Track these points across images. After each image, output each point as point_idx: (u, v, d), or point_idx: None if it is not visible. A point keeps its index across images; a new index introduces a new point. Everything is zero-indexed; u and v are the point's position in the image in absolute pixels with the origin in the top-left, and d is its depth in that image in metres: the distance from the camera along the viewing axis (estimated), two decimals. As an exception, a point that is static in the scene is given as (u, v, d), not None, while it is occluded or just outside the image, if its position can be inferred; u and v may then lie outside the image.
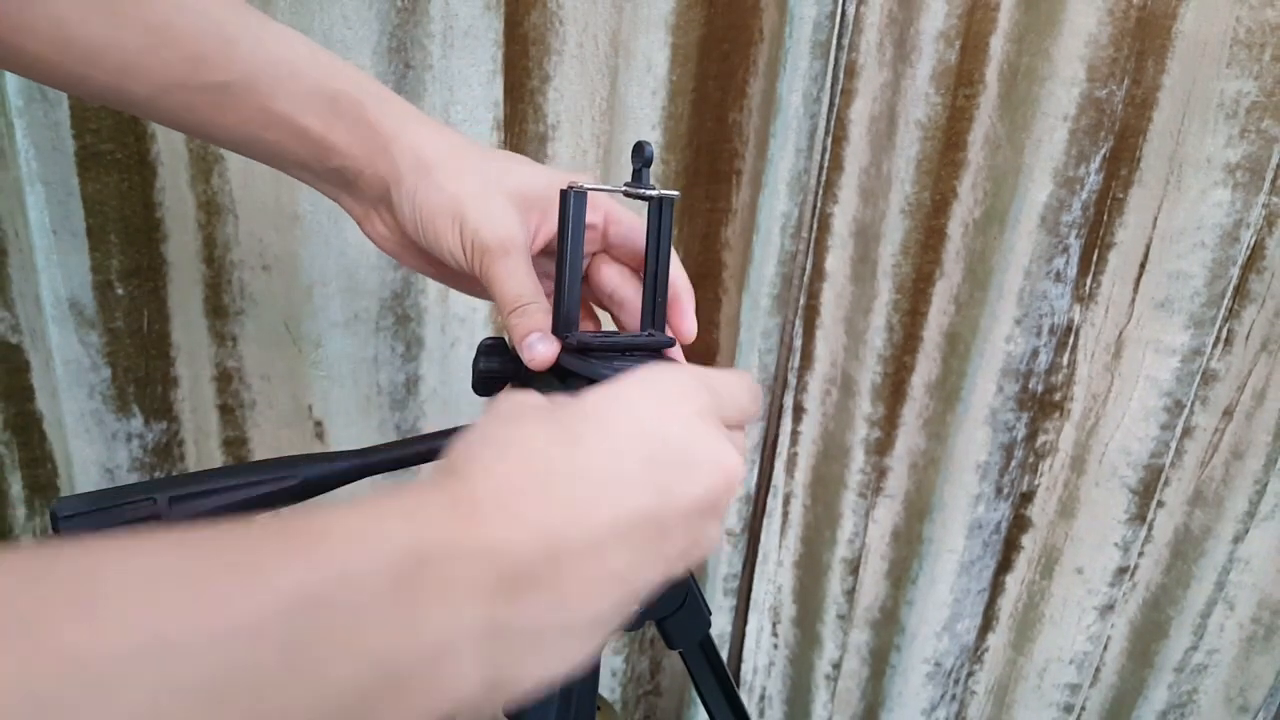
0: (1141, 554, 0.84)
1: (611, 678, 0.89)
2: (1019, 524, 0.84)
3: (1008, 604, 0.87)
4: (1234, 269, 0.70)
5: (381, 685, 0.20)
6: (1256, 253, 0.71)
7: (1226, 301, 0.72)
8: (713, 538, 0.30)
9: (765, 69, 0.66)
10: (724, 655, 0.87)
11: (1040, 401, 0.77)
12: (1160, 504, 0.82)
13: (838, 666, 0.87)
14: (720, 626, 0.88)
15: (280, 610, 0.19)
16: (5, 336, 0.63)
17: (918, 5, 0.64)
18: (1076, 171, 0.67)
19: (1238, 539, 0.81)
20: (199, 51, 0.36)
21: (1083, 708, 0.92)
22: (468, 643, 0.22)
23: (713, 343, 0.76)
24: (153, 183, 0.60)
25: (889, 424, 0.78)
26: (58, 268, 0.60)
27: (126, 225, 0.61)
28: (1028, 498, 0.83)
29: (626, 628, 0.38)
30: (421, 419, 0.71)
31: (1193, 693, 0.89)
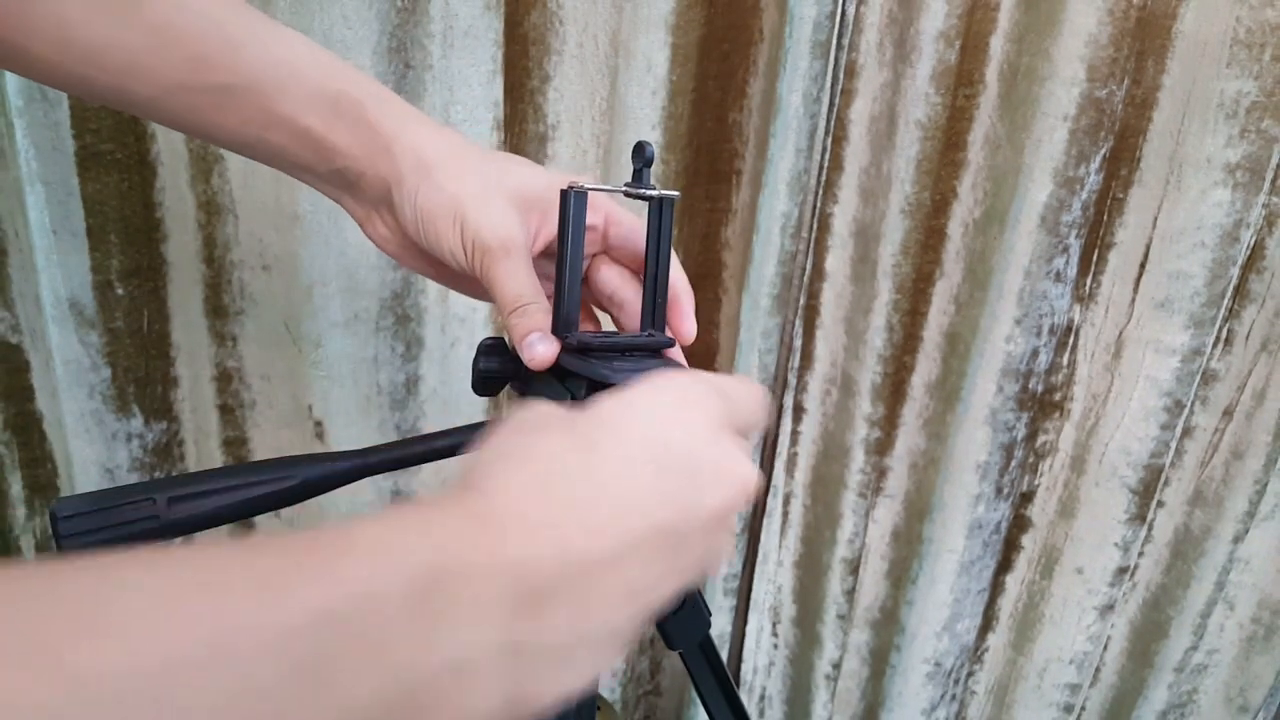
0: (1141, 554, 0.84)
1: (611, 678, 0.89)
2: (1019, 524, 0.84)
3: (1008, 604, 0.87)
4: (1234, 269, 0.70)
5: (402, 704, 0.20)
6: (1256, 253, 0.71)
7: (1226, 301, 0.72)
8: (726, 548, 0.30)
9: (765, 69, 0.66)
10: (724, 655, 0.87)
11: (1040, 401, 0.77)
12: (1160, 504, 0.82)
13: (838, 666, 0.87)
14: (720, 626, 0.88)
15: (300, 628, 0.19)
16: (5, 336, 0.63)
17: (918, 5, 0.64)
18: (1076, 171, 0.67)
19: (1238, 539, 0.81)
20: (201, 53, 0.36)
21: (1083, 708, 0.92)
22: (489, 660, 0.22)
23: (713, 343, 0.76)
24: (153, 183, 0.60)
25: (889, 424, 0.78)
26: (58, 268, 0.60)
27: (126, 225, 0.61)
28: (1028, 498, 0.83)
29: None
30: (421, 419, 0.71)
31: (1193, 693, 0.89)
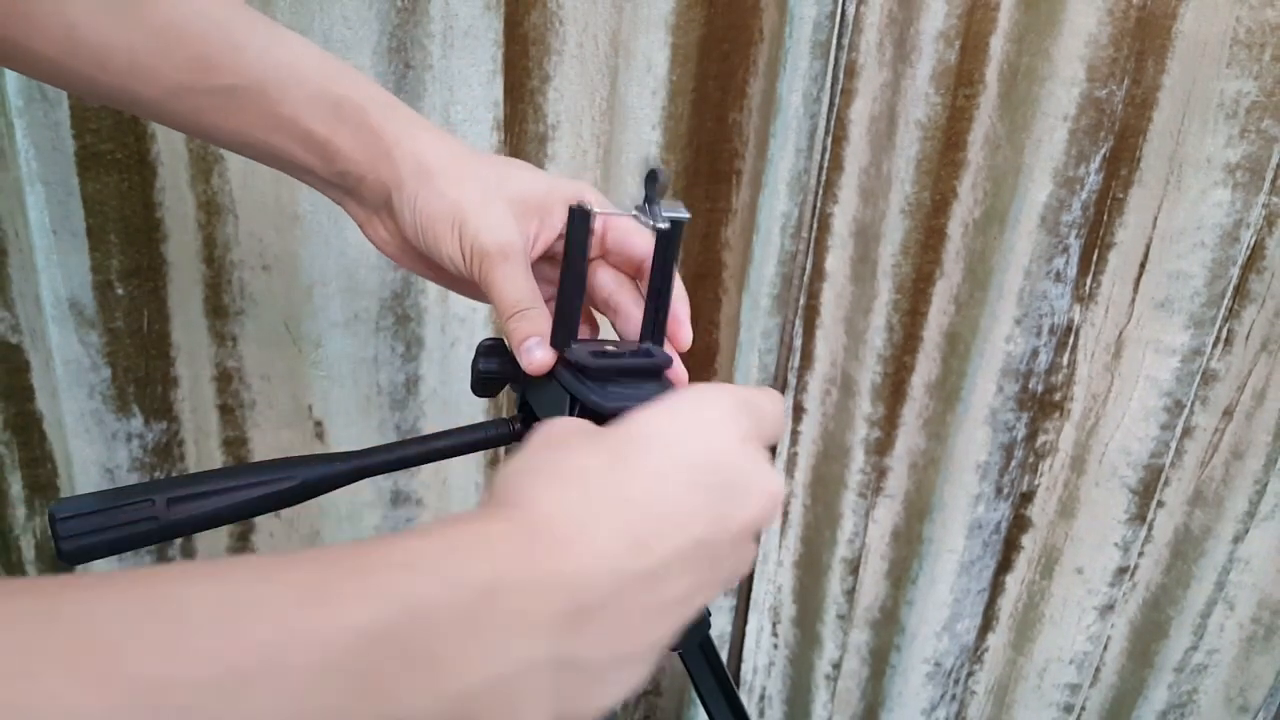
0: (1141, 554, 0.84)
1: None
2: (1019, 524, 0.84)
3: (1008, 604, 0.88)
4: (1234, 269, 0.70)
5: (454, 719, 0.20)
6: (1256, 253, 0.71)
7: (1226, 301, 0.72)
8: (752, 558, 0.30)
9: (765, 69, 0.66)
10: (724, 655, 0.87)
11: (1040, 401, 0.77)
12: (1160, 504, 0.82)
13: (838, 666, 0.87)
14: (720, 626, 0.88)
15: (356, 642, 0.19)
16: (5, 336, 0.63)
17: (918, 5, 0.64)
18: (1076, 171, 0.67)
19: (1238, 539, 0.81)
20: (205, 55, 0.36)
21: (1083, 708, 0.92)
22: (539, 675, 0.22)
23: (713, 343, 0.76)
24: (153, 183, 0.60)
25: (889, 424, 0.78)
26: (58, 268, 0.60)
27: (126, 225, 0.61)
28: (1028, 498, 0.83)
29: None
30: (421, 419, 0.71)
31: (1193, 693, 0.89)
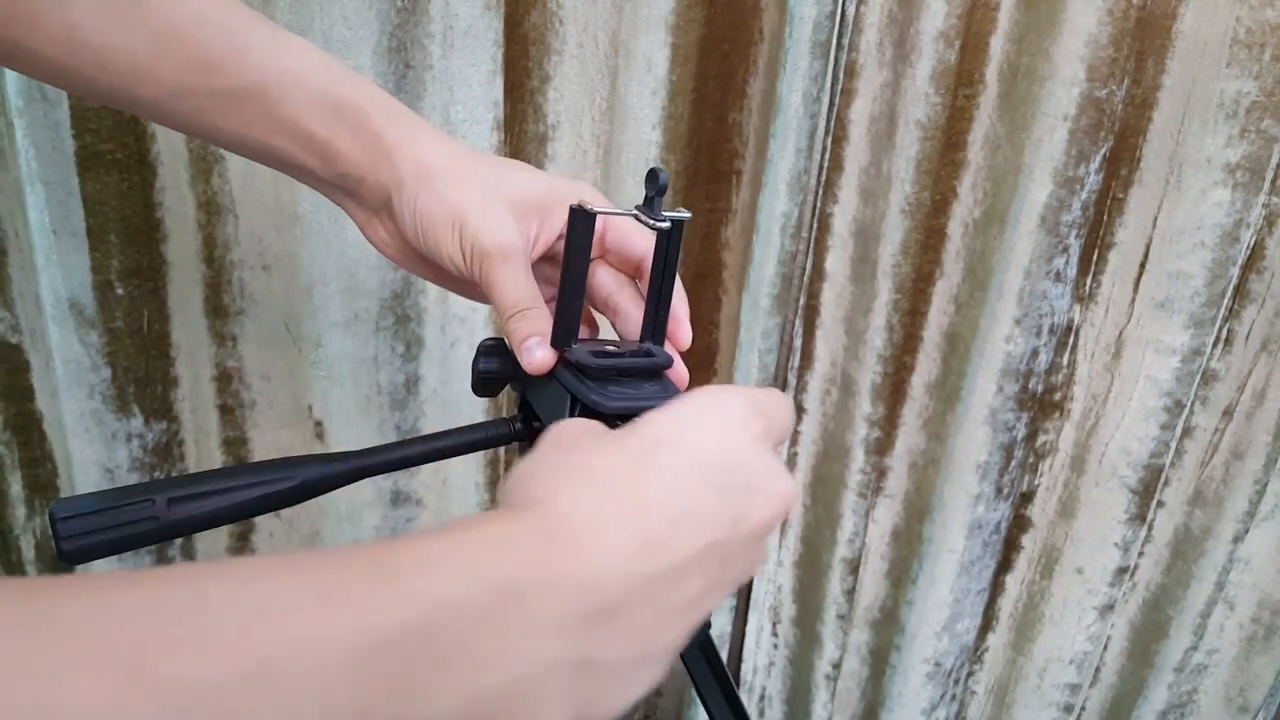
0: (1141, 554, 0.84)
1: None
2: (1019, 524, 0.84)
3: (1008, 604, 0.88)
4: (1234, 269, 0.70)
5: None
6: (1256, 253, 0.71)
7: (1226, 301, 0.72)
8: (763, 559, 0.30)
9: (765, 69, 0.66)
10: (724, 655, 0.87)
11: (1040, 401, 0.77)
12: (1160, 504, 0.82)
13: (838, 666, 0.87)
14: (720, 626, 0.88)
15: (378, 643, 0.19)
16: (5, 336, 0.63)
17: (918, 5, 0.64)
18: (1076, 171, 0.67)
19: (1238, 539, 0.81)
20: (207, 57, 0.36)
21: (1083, 708, 0.92)
22: (557, 677, 0.22)
23: (713, 343, 0.76)
24: (153, 183, 0.60)
25: (889, 424, 0.78)
26: (58, 268, 0.60)
27: (126, 225, 0.61)
28: (1028, 498, 0.83)
29: None
30: (421, 419, 0.71)
31: (1193, 693, 0.89)
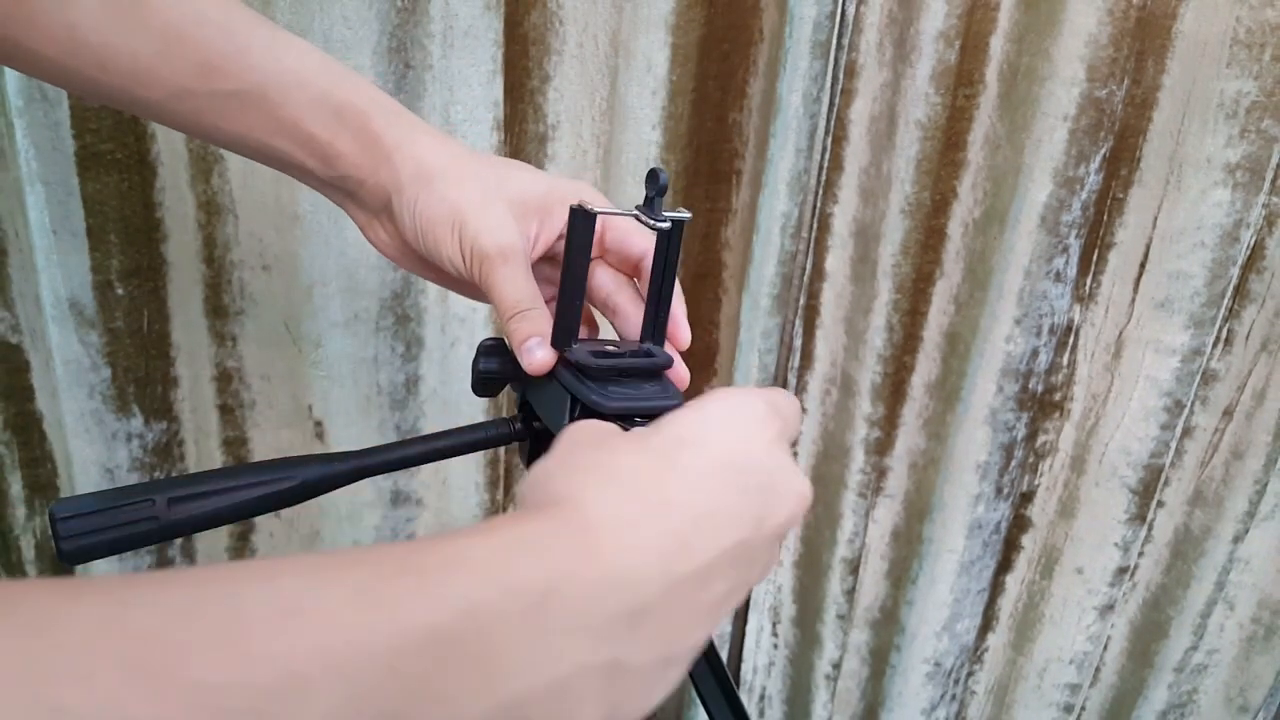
0: (1141, 554, 0.84)
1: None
2: (1019, 524, 0.84)
3: (1008, 604, 0.88)
4: (1234, 269, 0.70)
5: None
6: (1256, 253, 0.71)
7: (1226, 301, 0.72)
8: (778, 560, 0.31)
9: (765, 69, 0.66)
10: (724, 655, 0.87)
11: (1040, 401, 0.77)
12: (1160, 504, 0.82)
13: (838, 666, 0.87)
14: (720, 626, 0.88)
15: (412, 645, 0.19)
16: (5, 336, 0.63)
17: (918, 5, 0.64)
18: (1076, 171, 0.67)
19: (1238, 539, 0.81)
20: (208, 59, 0.36)
21: (1083, 708, 0.92)
22: (591, 678, 0.22)
23: (713, 343, 0.76)
24: (153, 183, 0.60)
25: (889, 424, 0.78)
26: (58, 268, 0.60)
27: (126, 225, 0.61)
28: (1028, 498, 0.83)
29: None
30: (421, 419, 0.71)
31: (1193, 693, 0.89)
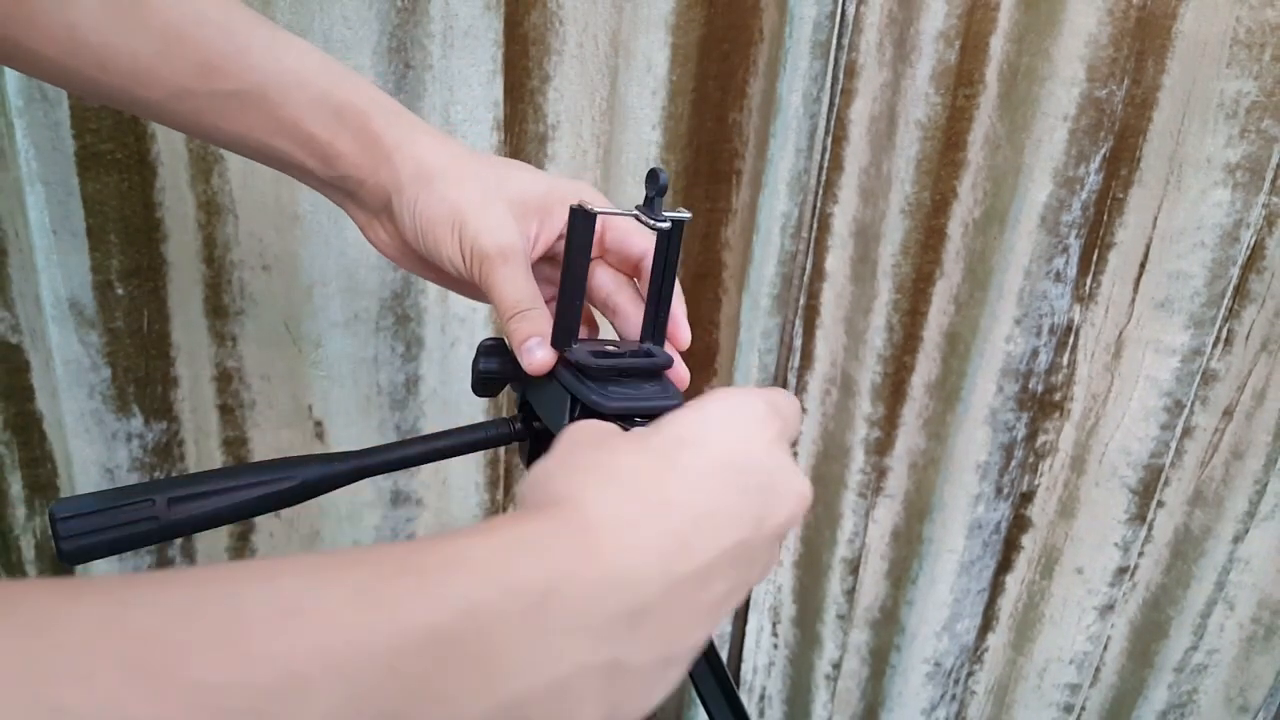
0: (1141, 554, 0.84)
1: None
2: (1019, 524, 0.84)
3: (1008, 604, 0.88)
4: (1234, 269, 0.70)
5: None
6: (1256, 253, 0.71)
7: (1226, 301, 0.72)
8: (778, 560, 0.31)
9: (765, 69, 0.66)
10: (724, 655, 0.87)
11: (1040, 401, 0.77)
12: (1160, 504, 0.82)
13: (838, 666, 0.87)
14: (720, 626, 0.88)
15: (412, 646, 0.19)
16: (5, 336, 0.63)
17: (918, 5, 0.64)
18: (1076, 171, 0.67)
19: (1238, 539, 0.81)
20: (209, 59, 0.36)
21: (1083, 708, 0.92)
22: (592, 679, 0.22)
23: (713, 343, 0.76)
24: (153, 183, 0.60)
25: (889, 424, 0.78)
26: (58, 268, 0.60)
27: (126, 225, 0.61)
28: (1028, 498, 0.83)
29: None
30: (421, 419, 0.71)
31: (1193, 693, 0.89)
